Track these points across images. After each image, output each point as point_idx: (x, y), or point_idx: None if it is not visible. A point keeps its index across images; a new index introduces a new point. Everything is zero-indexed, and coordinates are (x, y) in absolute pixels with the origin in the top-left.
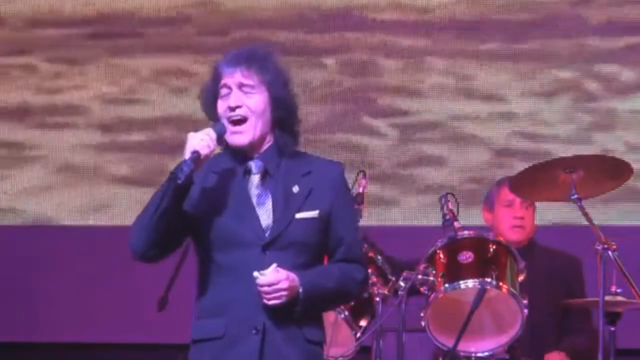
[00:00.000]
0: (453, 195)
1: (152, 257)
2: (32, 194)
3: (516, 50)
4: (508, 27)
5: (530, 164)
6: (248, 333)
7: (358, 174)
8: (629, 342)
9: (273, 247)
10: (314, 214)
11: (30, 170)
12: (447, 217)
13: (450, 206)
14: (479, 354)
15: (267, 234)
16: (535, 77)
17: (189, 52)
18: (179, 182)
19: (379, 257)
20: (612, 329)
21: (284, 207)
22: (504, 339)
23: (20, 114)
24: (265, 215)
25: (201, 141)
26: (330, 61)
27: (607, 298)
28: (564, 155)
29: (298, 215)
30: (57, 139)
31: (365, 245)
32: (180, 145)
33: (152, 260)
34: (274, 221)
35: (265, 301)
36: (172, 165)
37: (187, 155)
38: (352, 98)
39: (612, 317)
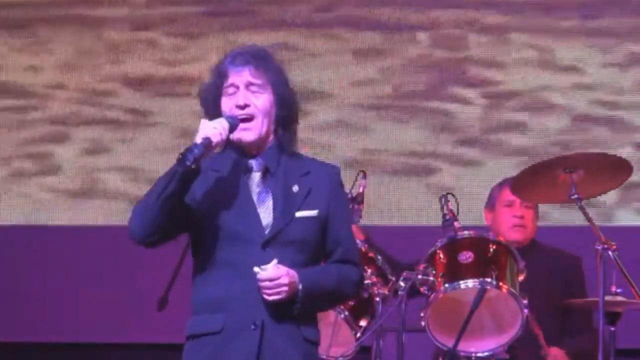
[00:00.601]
0: (453, 195)
1: (152, 243)
2: (152, 156)
3: (593, 26)
4: (586, 5)
5: (592, 150)
6: (247, 328)
7: (358, 174)
8: (629, 342)
9: (273, 244)
10: (313, 213)
11: (151, 134)
12: (447, 217)
13: (450, 206)
14: (479, 354)
15: (267, 232)
16: (610, 51)
17: (297, 28)
18: (188, 163)
19: (379, 257)
20: (612, 329)
21: (284, 205)
22: (504, 339)
23: (143, 84)
24: (266, 213)
25: (214, 129)
26: (423, 36)
27: (607, 298)
28: (636, 122)
29: (298, 214)
30: (176, 106)
31: (366, 245)
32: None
33: (151, 246)
34: (274, 219)
35: (265, 297)
36: None
37: (199, 140)
38: (444, 70)
39: (612, 317)
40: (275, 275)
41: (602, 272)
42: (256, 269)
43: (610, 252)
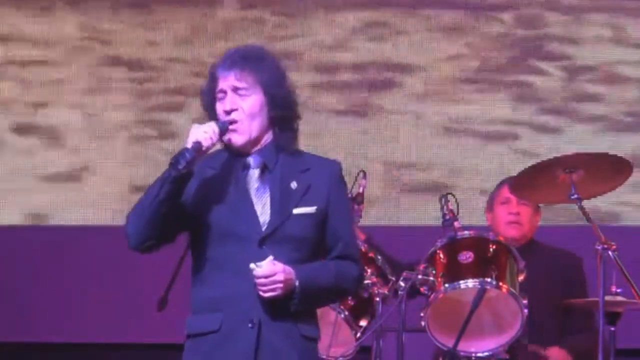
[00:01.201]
0: (453, 195)
1: (148, 248)
2: None
3: None
4: None
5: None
6: (244, 327)
7: (358, 174)
8: (629, 342)
9: (270, 241)
10: (311, 209)
11: None
12: (447, 217)
13: (450, 206)
14: (479, 354)
15: (264, 229)
16: None
17: (393, 7)
18: (180, 167)
19: (379, 257)
20: (612, 329)
21: (282, 202)
22: (504, 339)
23: None
24: (263, 209)
25: (204, 133)
26: (506, 16)
27: (607, 298)
28: None
29: (296, 211)
30: None
31: (366, 245)
32: (377, 86)
33: (147, 251)
34: (271, 216)
35: (261, 293)
36: (375, 100)
37: (189, 144)
38: (525, 46)
39: (612, 317)
40: (270, 272)
41: (602, 272)
42: (252, 265)
43: (610, 252)
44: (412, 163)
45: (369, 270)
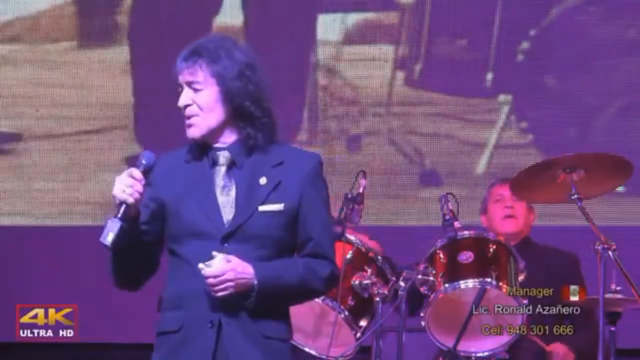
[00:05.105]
0: (453, 195)
1: (139, 286)
2: None
3: None
4: None
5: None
6: (204, 327)
7: (358, 175)
8: (629, 342)
9: (233, 239)
10: (278, 207)
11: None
12: (447, 217)
13: (450, 206)
14: (479, 354)
15: (226, 226)
16: None
17: None
18: (110, 247)
19: (379, 257)
20: (612, 329)
21: (248, 199)
22: (504, 339)
23: None
24: (228, 206)
25: (124, 191)
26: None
27: (607, 295)
28: None
29: (261, 208)
30: None
31: (366, 245)
32: None
33: (142, 284)
34: (235, 213)
35: (212, 293)
36: None
37: (116, 209)
38: None
39: (612, 317)
40: (219, 271)
41: (602, 272)
42: (201, 265)
43: (610, 252)
44: None
45: (369, 270)
